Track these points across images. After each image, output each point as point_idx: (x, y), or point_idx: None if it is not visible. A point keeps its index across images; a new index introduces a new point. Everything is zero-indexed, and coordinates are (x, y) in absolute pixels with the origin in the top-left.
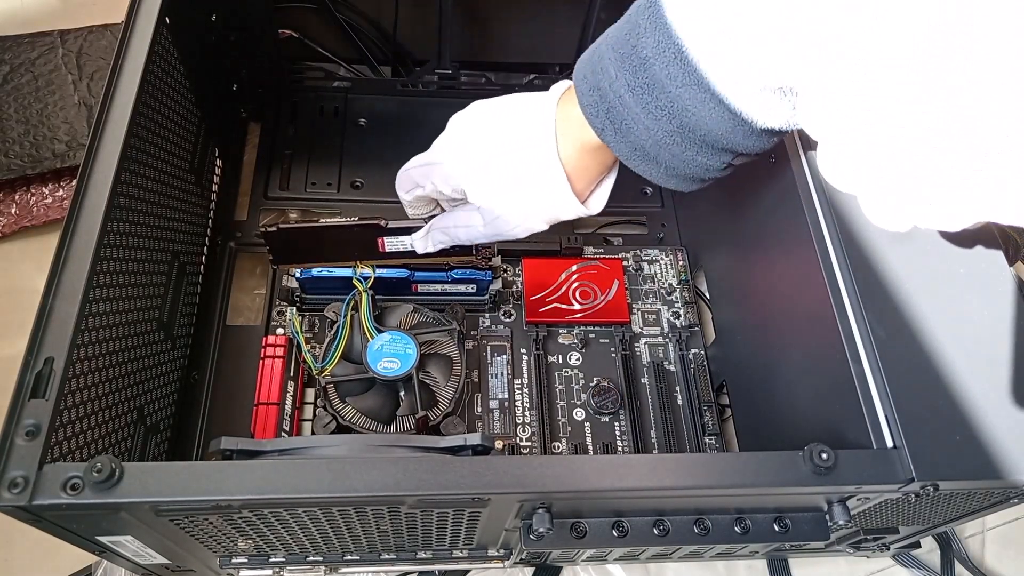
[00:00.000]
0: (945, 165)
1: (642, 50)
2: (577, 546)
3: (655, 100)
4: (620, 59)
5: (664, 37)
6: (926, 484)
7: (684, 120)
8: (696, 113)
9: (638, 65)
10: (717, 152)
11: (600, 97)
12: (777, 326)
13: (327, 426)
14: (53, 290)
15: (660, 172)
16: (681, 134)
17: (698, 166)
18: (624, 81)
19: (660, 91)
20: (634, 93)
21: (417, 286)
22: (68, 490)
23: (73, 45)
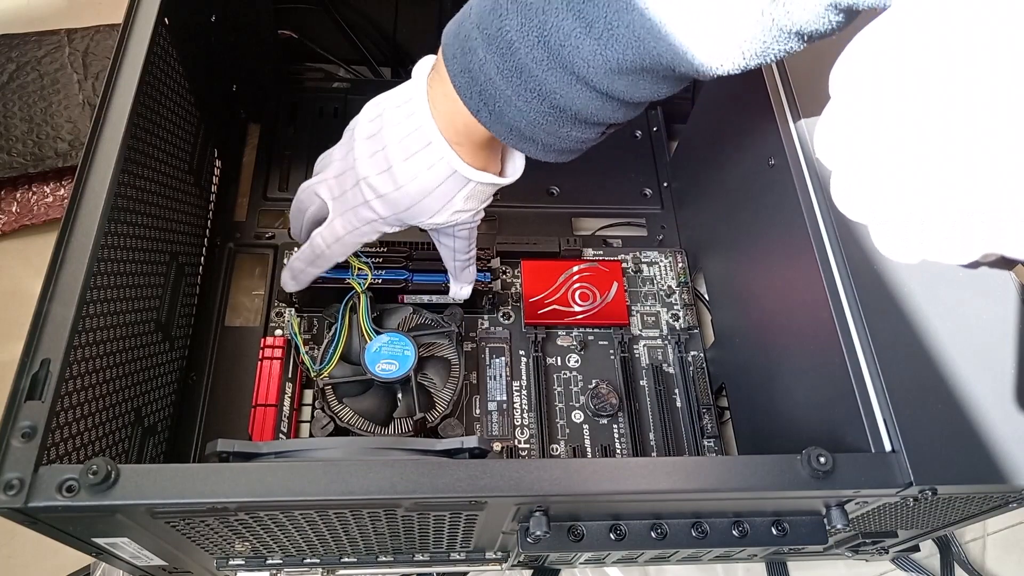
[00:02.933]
0: (958, 198)
1: (507, 32)
2: (574, 549)
3: (524, 83)
4: (487, 40)
5: (526, 19)
6: (924, 488)
7: (554, 101)
8: (565, 95)
9: (504, 48)
10: (590, 126)
11: (471, 79)
12: (776, 329)
13: (325, 428)
14: (50, 292)
15: (538, 149)
16: (552, 114)
17: (573, 140)
18: (493, 64)
19: (528, 75)
20: (504, 76)
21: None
22: (64, 492)
23: (80, 44)
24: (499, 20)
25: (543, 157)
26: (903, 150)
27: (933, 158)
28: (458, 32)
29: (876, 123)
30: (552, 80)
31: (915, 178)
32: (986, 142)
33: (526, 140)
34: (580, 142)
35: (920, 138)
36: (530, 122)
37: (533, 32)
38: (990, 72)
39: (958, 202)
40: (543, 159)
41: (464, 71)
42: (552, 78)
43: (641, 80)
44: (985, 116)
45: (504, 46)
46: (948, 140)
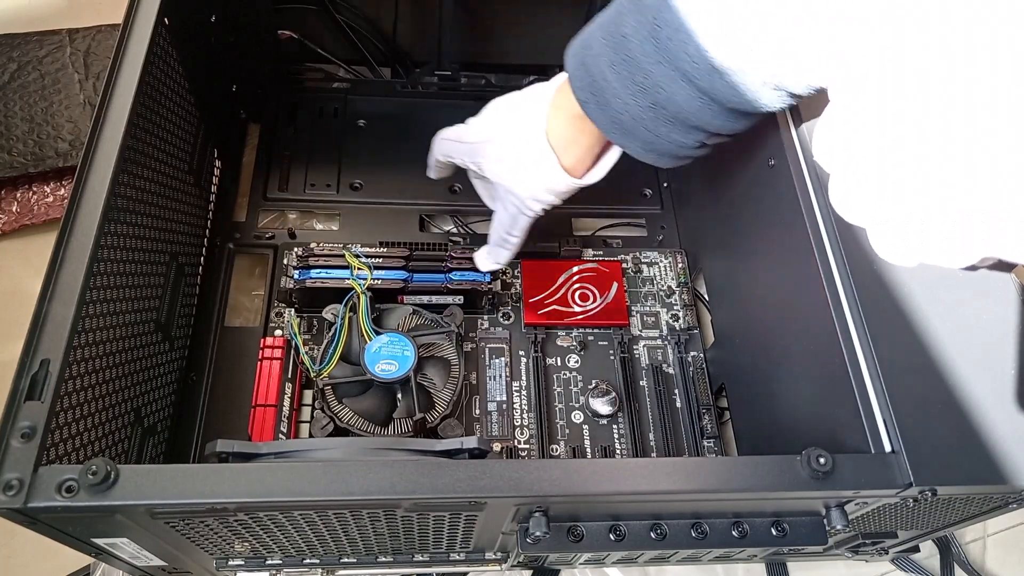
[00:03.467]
0: (958, 198)
1: (623, 27)
2: (574, 550)
3: (631, 76)
4: (605, 36)
5: (641, 16)
6: (924, 489)
7: (656, 97)
8: (666, 90)
9: (618, 42)
10: (689, 130)
11: (585, 71)
12: (776, 329)
13: (325, 428)
14: (49, 292)
15: (637, 146)
16: (654, 110)
17: (672, 143)
18: (606, 57)
19: (636, 67)
20: (614, 68)
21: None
22: (63, 492)
23: (81, 44)
24: (618, 17)
25: (642, 156)
26: (903, 150)
27: (933, 158)
28: (582, 36)
29: (875, 124)
30: (657, 73)
31: (915, 178)
32: (986, 142)
33: (626, 134)
34: (679, 146)
35: (920, 138)
36: (632, 116)
37: (645, 26)
38: (990, 72)
39: (958, 202)
40: (642, 158)
41: (580, 65)
42: (658, 71)
43: (741, 83)
44: (985, 116)
45: (618, 39)
46: (948, 140)
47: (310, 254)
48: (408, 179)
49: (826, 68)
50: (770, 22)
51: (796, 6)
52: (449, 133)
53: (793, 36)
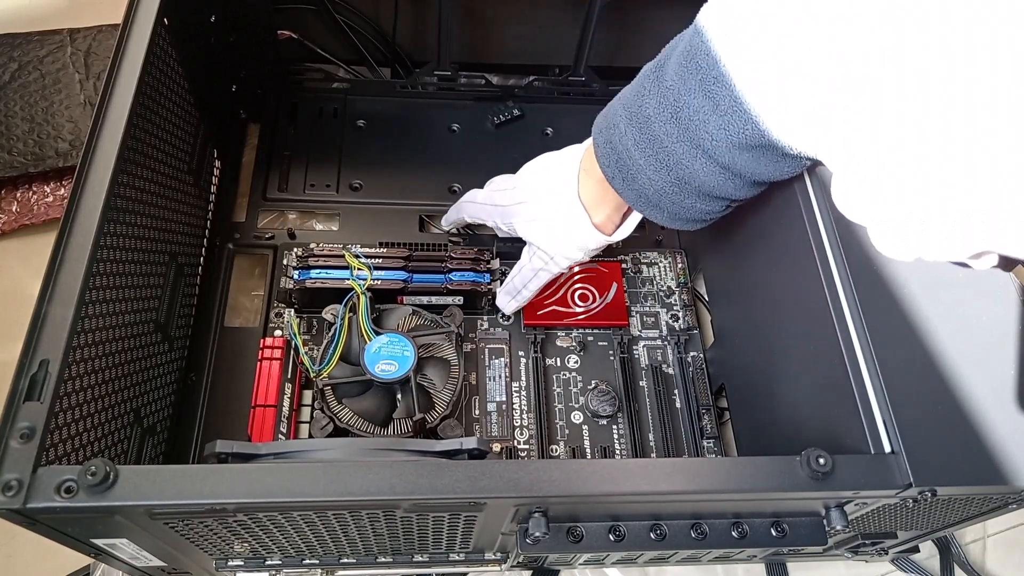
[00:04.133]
0: (958, 198)
1: (646, 109)
2: (573, 550)
3: (655, 154)
4: (629, 116)
5: (663, 98)
6: (924, 489)
7: (679, 173)
8: (689, 167)
9: (642, 122)
10: (713, 200)
11: (611, 149)
12: (776, 329)
13: (324, 428)
14: (49, 292)
15: (664, 216)
16: (679, 185)
17: (697, 211)
18: (631, 136)
19: (659, 146)
20: (639, 147)
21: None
22: (62, 493)
23: (82, 44)
24: (641, 99)
25: (670, 224)
26: (903, 150)
27: (933, 158)
28: (607, 112)
29: (875, 123)
30: (680, 152)
31: (915, 178)
32: (986, 142)
33: (653, 207)
34: (704, 213)
35: (920, 138)
36: (657, 191)
37: (667, 109)
38: (990, 72)
39: (958, 202)
40: (670, 226)
41: (607, 142)
42: (680, 149)
43: (762, 157)
44: (985, 116)
45: (642, 121)
46: (948, 140)
47: (310, 254)
48: (408, 179)
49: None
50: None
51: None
52: (480, 196)
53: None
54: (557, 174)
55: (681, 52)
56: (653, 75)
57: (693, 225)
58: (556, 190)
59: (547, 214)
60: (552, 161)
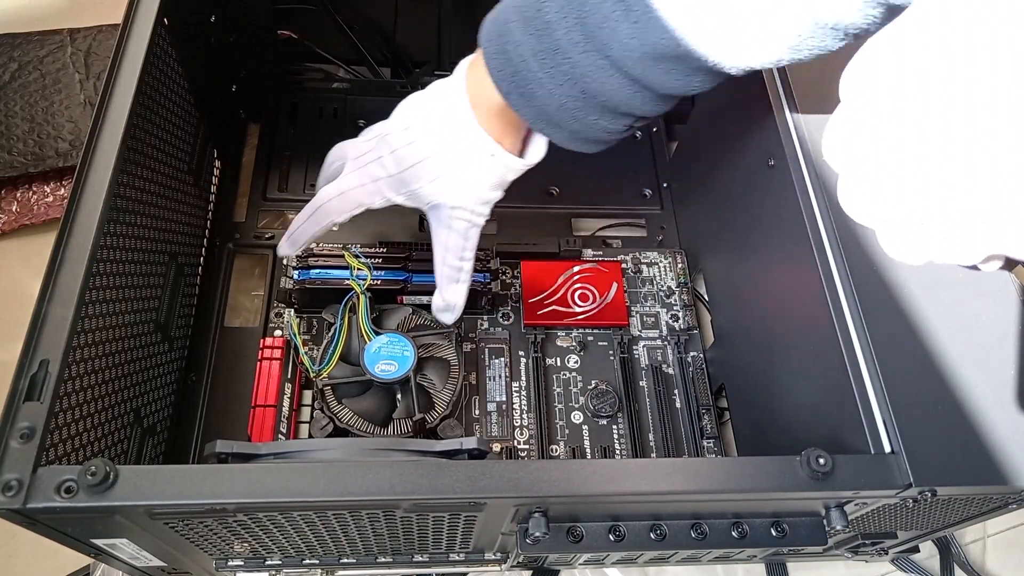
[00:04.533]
0: (958, 198)
1: (546, 13)
2: (573, 550)
3: (558, 66)
4: (525, 22)
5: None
6: (924, 489)
7: (585, 86)
8: (596, 79)
9: (542, 28)
10: (618, 116)
11: (506, 60)
12: (776, 329)
13: (324, 428)
14: (48, 292)
15: (565, 136)
16: (583, 99)
17: (600, 129)
18: (528, 45)
19: (563, 56)
20: (538, 57)
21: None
22: (62, 493)
23: (82, 44)
24: (539, 1)
25: (567, 144)
26: (902, 149)
27: (933, 158)
28: (497, 16)
29: (875, 123)
30: (586, 63)
31: (915, 178)
32: (986, 142)
33: (553, 125)
34: (607, 132)
35: (920, 138)
36: (559, 106)
37: (572, 13)
38: (990, 72)
39: (958, 202)
40: (568, 147)
41: (499, 52)
42: (586, 60)
43: (674, 69)
44: (985, 116)
45: (542, 26)
46: (948, 140)
47: (310, 254)
48: None
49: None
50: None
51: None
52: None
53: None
54: (447, 113)
55: None
56: None
57: (594, 146)
58: (455, 131)
59: (454, 162)
60: (431, 100)
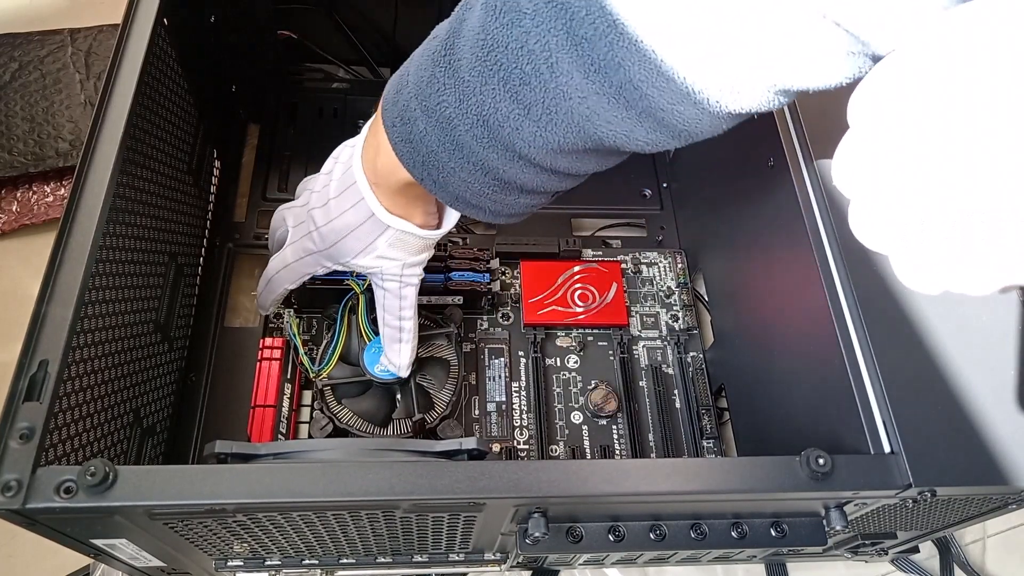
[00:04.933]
0: (955, 197)
1: (445, 108)
2: (573, 551)
3: (466, 158)
4: (426, 112)
5: (464, 98)
6: (923, 490)
7: (498, 175)
8: (508, 171)
9: (444, 123)
10: (537, 195)
11: (412, 149)
12: (776, 330)
13: (324, 428)
14: (48, 293)
15: (487, 215)
16: (498, 186)
17: (521, 206)
18: (435, 138)
19: (469, 151)
20: (446, 150)
21: None
22: (62, 494)
23: (83, 44)
24: (437, 95)
25: (492, 220)
26: (917, 172)
27: (933, 158)
28: (396, 99)
29: (887, 147)
30: (494, 158)
31: (915, 177)
32: (986, 142)
33: (473, 207)
34: (528, 207)
35: (920, 138)
36: (475, 192)
37: (471, 111)
38: (990, 71)
39: (958, 202)
40: (493, 222)
41: (405, 141)
42: (494, 156)
43: (585, 157)
44: (985, 115)
45: (444, 121)
46: (948, 140)
47: None
48: None
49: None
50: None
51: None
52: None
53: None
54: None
55: (474, 36)
56: (444, 61)
57: (517, 219)
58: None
59: (370, 243)
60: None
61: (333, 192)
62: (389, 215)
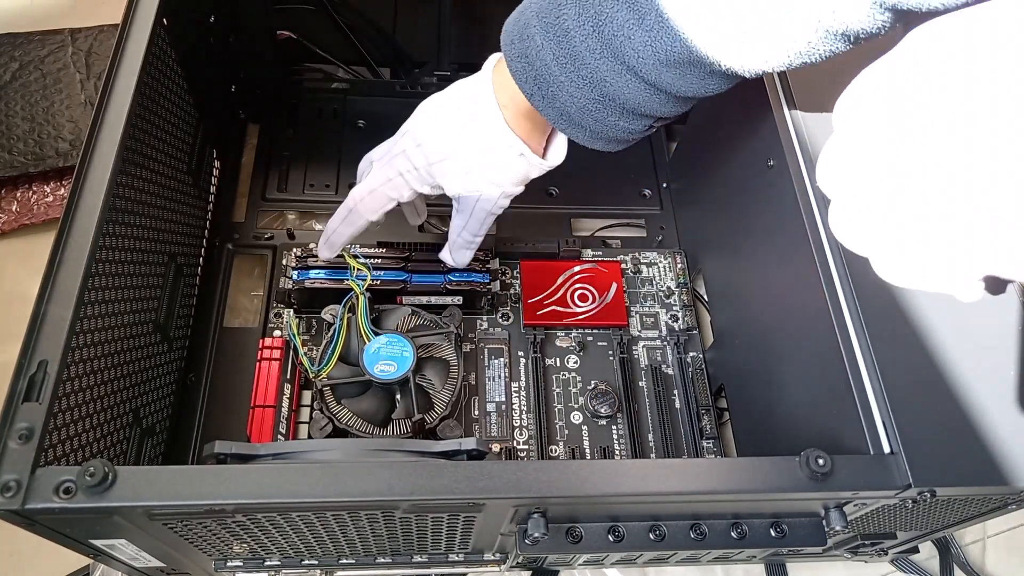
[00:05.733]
0: (962, 217)
1: (564, 20)
2: (572, 551)
3: (577, 70)
4: (544, 28)
5: (584, 10)
6: (923, 490)
7: (604, 90)
8: (614, 84)
9: (561, 36)
10: (637, 118)
11: (527, 64)
12: (776, 330)
13: (323, 429)
14: (47, 293)
15: (586, 135)
16: (602, 102)
17: (621, 130)
18: (549, 51)
19: (581, 62)
20: (559, 62)
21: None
22: (61, 494)
23: (83, 44)
24: (558, 9)
25: (590, 144)
26: (899, 172)
27: (930, 180)
28: (518, 20)
29: (871, 148)
30: (604, 68)
31: (911, 200)
32: (965, 148)
33: (575, 125)
34: (627, 132)
35: (917, 160)
36: (580, 108)
37: (589, 21)
38: (968, 82)
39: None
40: (590, 145)
41: (521, 56)
42: (604, 66)
43: (688, 73)
44: (964, 121)
45: (561, 33)
46: (945, 160)
47: (309, 255)
48: None
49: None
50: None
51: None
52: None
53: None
54: (476, 112)
55: None
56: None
57: (616, 145)
58: (485, 130)
59: (482, 160)
60: (457, 99)
61: (445, 115)
62: (513, 135)
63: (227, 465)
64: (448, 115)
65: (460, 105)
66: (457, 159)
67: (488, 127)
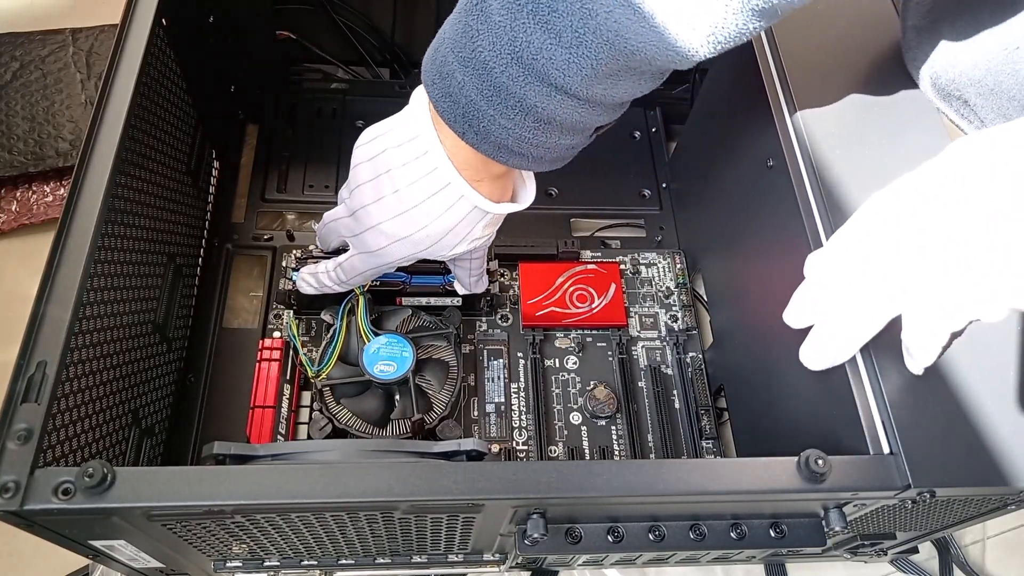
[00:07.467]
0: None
1: (480, 52)
2: (572, 551)
3: (504, 102)
4: (462, 63)
5: (497, 38)
6: (922, 491)
7: (538, 115)
8: (546, 107)
9: (480, 69)
10: (577, 133)
11: (452, 103)
12: (775, 330)
13: (323, 429)
14: (46, 293)
15: (529, 162)
16: (538, 127)
17: (563, 147)
18: (472, 86)
19: (507, 93)
20: (484, 96)
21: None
22: (59, 495)
23: (84, 44)
24: (471, 41)
25: (536, 168)
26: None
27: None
28: (434, 57)
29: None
30: (532, 95)
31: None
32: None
33: (515, 155)
34: (570, 148)
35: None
36: (517, 138)
37: (504, 49)
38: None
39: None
40: (536, 170)
41: (445, 96)
42: (531, 93)
43: (620, 81)
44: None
45: (479, 67)
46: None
47: (308, 256)
48: None
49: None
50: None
51: None
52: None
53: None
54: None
55: None
56: (476, 10)
57: (560, 163)
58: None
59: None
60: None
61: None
62: (493, 204)
63: (226, 466)
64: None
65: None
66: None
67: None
